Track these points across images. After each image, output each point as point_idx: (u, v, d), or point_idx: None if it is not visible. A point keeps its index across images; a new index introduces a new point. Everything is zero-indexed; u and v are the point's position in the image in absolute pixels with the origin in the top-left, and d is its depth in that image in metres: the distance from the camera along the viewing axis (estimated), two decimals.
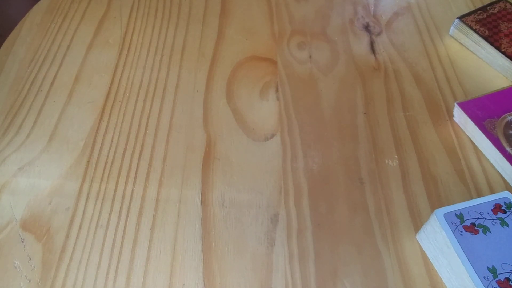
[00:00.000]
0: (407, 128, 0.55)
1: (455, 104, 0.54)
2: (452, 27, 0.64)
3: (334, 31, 0.66)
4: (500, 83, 0.59)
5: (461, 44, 0.64)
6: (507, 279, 0.38)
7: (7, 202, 0.49)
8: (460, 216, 0.42)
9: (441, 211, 0.42)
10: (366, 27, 0.67)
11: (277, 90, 0.59)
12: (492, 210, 0.42)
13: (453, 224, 0.41)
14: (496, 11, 0.64)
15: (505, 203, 0.42)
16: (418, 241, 0.46)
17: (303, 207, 0.48)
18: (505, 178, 0.50)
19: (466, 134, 0.54)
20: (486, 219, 0.41)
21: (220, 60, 0.62)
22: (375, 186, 0.50)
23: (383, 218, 0.48)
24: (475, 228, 0.41)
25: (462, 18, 0.63)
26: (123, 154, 0.53)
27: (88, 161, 0.52)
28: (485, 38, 0.60)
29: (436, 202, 0.49)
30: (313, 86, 0.59)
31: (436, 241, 0.42)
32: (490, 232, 0.41)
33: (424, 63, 0.62)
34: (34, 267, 0.44)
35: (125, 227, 0.47)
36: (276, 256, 0.45)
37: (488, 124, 0.52)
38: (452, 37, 0.65)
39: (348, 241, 0.46)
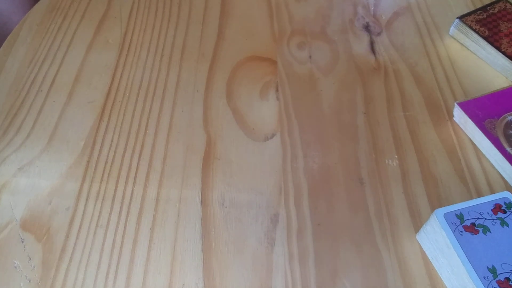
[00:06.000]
0: (407, 128, 0.55)
1: (455, 104, 0.54)
2: (452, 27, 0.64)
3: (334, 31, 0.66)
4: (500, 83, 0.59)
5: (461, 44, 0.64)
6: (507, 279, 0.38)
7: (7, 202, 0.49)
8: (460, 216, 0.42)
9: (441, 211, 0.42)
10: (366, 27, 0.67)
11: (277, 90, 0.59)
12: (492, 210, 0.42)
13: (453, 224, 0.41)
14: (496, 11, 0.64)
15: (505, 203, 0.42)
16: (418, 241, 0.46)
17: (303, 207, 0.48)
18: (505, 178, 0.50)
19: (466, 134, 0.54)
20: (486, 219, 0.41)
21: (220, 60, 0.62)
22: (375, 186, 0.50)
23: (383, 218, 0.48)
24: (475, 228, 0.41)
25: (462, 18, 0.63)
26: (123, 154, 0.53)
27: (88, 161, 0.52)
28: (485, 38, 0.60)
29: (436, 202, 0.49)
30: (313, 86, 0.59)
31: (436, 241, 0.42)
32: (490, 232, 0.41)
33: (424, 63, 0.62)
34: (34, 267, 0.44)
35: (125, 227, 0.47)
36: (276, 256, 0.45)
37: (488, 124, 0.52)
38: (452, 37, 0.65)
39: (348, 241, 0.46)
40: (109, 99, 0.58)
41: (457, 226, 0.41)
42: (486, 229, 0.41)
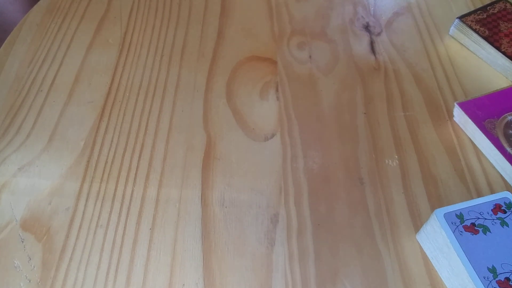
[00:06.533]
0: (407, 128, 0.55)
1: (455, 104, 0.54)
2: (452, 27, 0.64)
3: (334, 31, 0.66)
4: (500, 83, 0.59)
5: (461, 44, 0.64)
6: (507, 279, 0.38)
7: (7, 202, 0.49)
8: (460, 216, 0.42)
9: (441, 211, 0.42)
10: (366, 27, 0.67)
11: (277, 90, 0.59)
12: (492, 210, 0.42)
13: (453, 224, 0.41)
14: (496, 11, 0.64)
15: (505, 203, 0.42)
16: (418, 241, 0.46)
17: (303, 207, 0.48)
18: (505, 178, 0.50)
19: (466, 134, 0.54)
20: (486, 219, 0.41)
21: (220, 60, 0.62)
22: (375, 186, 0.50)
23: (383, 218, 0.48)
24: (475, 228, 0.41)
25: (462, 18, 0.63)
26: (123, 154, 0.53)
27: (88, 161, 0.52)
28: (485, 38, 0.60)
29: (436, 202, 0.49)
30: (313, 86, 0.59)
31: (436, 241, 0.42)
32: (490, 232, 0.41)
33: (424, 63, 0.62)
34: (34, 267, 0.44)
35: (125, 227, 0.47)
36: (276, 256, 0.45)
37: (488, 124, 0.52)
38: (452, 37, 0.65)
39: (348, 241, 0.46)
40: (109, 99, 0.58)
41: (457, 226, 0.41)
42: (486, 229, 0.41)
